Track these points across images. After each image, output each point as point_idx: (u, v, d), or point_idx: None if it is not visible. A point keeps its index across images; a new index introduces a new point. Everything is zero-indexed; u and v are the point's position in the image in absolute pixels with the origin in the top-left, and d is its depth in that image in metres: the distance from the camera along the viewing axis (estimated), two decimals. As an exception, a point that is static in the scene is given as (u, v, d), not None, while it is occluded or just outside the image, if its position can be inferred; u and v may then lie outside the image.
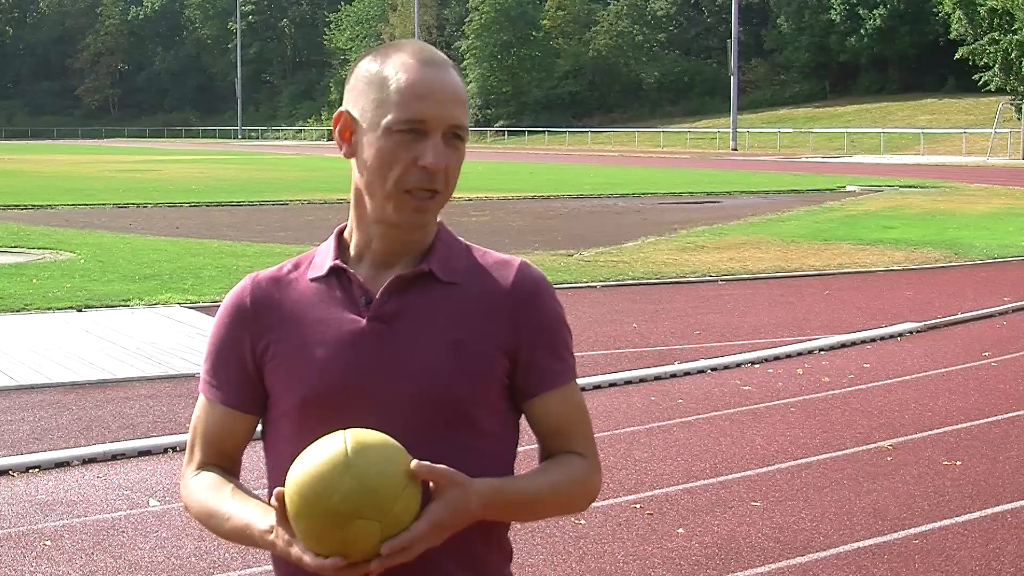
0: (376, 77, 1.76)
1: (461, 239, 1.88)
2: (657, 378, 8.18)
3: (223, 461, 1.87)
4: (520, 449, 1.89)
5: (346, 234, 1.85)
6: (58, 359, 8.56)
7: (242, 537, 1.75)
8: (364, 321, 1.77)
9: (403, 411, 1.74)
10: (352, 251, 1.83)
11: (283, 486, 1.64)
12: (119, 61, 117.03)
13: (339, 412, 1.73)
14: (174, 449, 6.35)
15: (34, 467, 6.02)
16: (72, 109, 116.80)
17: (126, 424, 6.88)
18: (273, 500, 1.65)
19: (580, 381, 7.50)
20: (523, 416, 1.86)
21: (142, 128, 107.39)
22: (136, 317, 10.45)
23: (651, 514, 5.29)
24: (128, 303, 11.15)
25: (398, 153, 1.74)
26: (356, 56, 1.81)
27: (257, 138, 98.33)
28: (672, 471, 5.97)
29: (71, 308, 10.82)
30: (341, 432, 1.63)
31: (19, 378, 7.98)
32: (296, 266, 1.87)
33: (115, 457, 6.21)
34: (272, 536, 1.67)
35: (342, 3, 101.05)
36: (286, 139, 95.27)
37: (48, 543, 4.93)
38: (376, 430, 1.66)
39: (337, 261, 1.81)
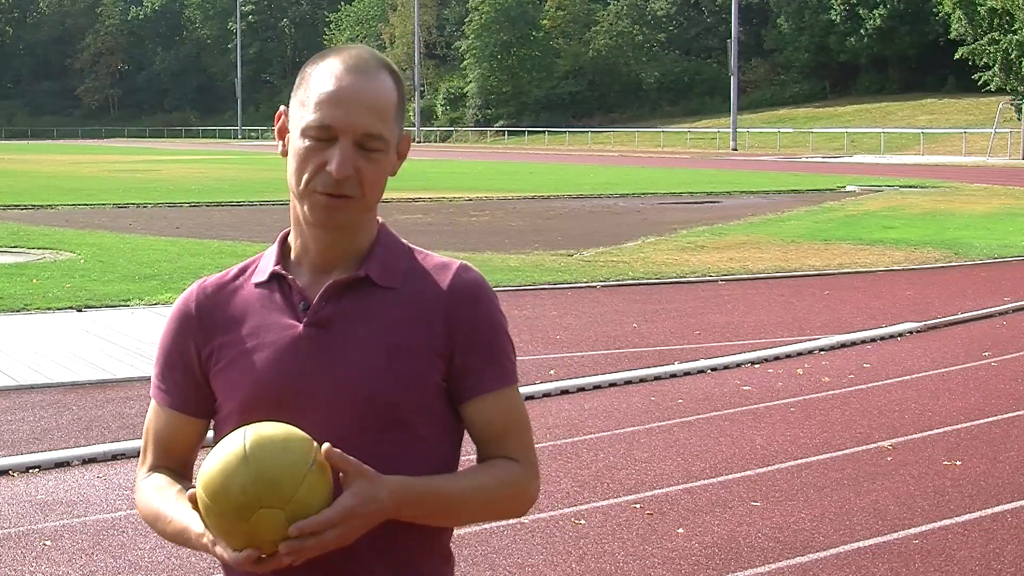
0: (305, 79, 1.80)
1: (404, 242, 1.88)
2: (657, 378, 8.18)
3: (174, 464, 1.89)
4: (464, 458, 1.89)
5: (289, 239, 1.87)
6: (58, 359, 8.56)
7: (183, 540, 1.76)
8: (301, 326, 1.79)
9: (340, 415, 1.75)
10: (292, 256, 1.85)
11: None
12: (119, 61, 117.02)
13: (277, 416, 1.74)
14: (174, 449, 6.34)
15: (34, 467, 6.02)
16: (72, 109, 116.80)
17: (126, 424, 6.88)
18: (188, 502, 1.68)
19: (580, 381, 7.48)
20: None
21: (142, 128, 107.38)
22: (136, 317, 10.45)
23: (651, 514, 5.29)
24: (128, 303, 11.15)
25: (309, 156, 1.75)
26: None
27: (257, 138, 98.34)
28: (672, 471, 5.97)
29: (71, 308, 10.82)
30: (242, 428, 1.66)
31: (19, 378, 7.98)
32: (242, 271, 1.89)
33: (115, 457, 6.21)
34: (206, 540, 1.69)
35: (342, 3, 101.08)
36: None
37: (48, 543, 4.94)
38: (315, 433, 1.68)
39: (278, 267, 1.83)
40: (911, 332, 9.94)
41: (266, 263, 1.87)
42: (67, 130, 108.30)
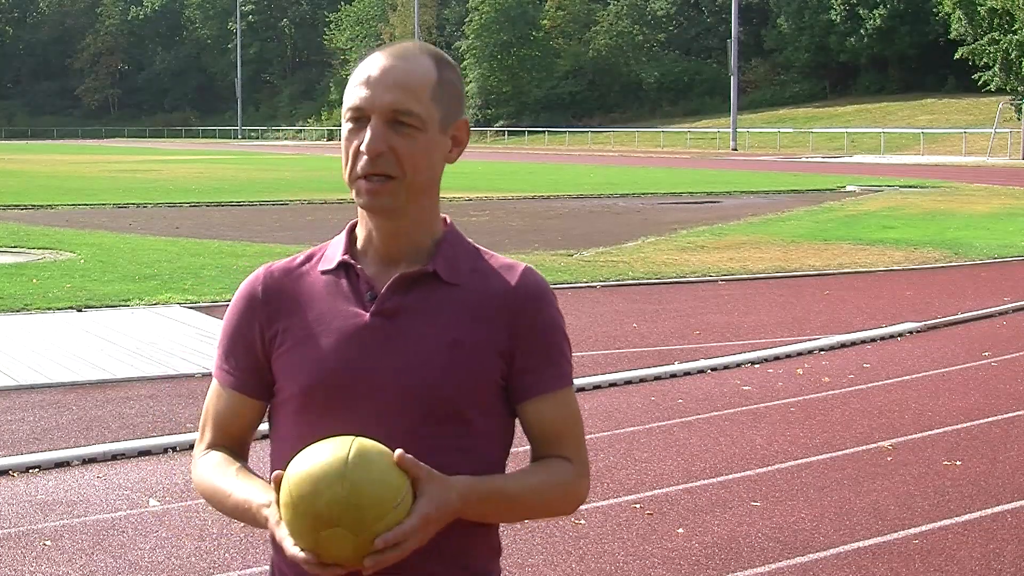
0: (351, 74, 1.85)
1: (470, 241, 1.91)
2: (657, 378, 8.18)
3: (231, 443, 1.92)
4: (513, 450, 1.90)
5: (357, 229, 1.90)
6: (58, 359, 8.56)
7: (242, 513, 1.80)
8: (367, 316, 1.81)
9: (398, 406, 1.78)
10: (359, 245, 1.88)
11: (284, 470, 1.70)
12: (119, 61, 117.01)
13: (337, 403, 1.78)
14: (174, 449, 6.35)
15: (34, 467, 6.02)
16: (72, 109, 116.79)
17: (126, 424, 6.88)
18: (271, 482, 1.71)
19: (580, 381, 7.48)
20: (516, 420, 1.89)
21: (142, 128, 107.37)
22: (136, 317, 10.45)
23: (651, 514, 5.29)
24: (128, 303, 11.15)
25: (349, 140, 1.80)
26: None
27: (257, 138, 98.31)
28: (672, 471, 5.97)
29: (71, 308, 10.82)
30: (351, 438, 1.67)
31: (19, 378, 7.98)
32: (309, 258, 1.92)
33: (115, 457, 6.21)
34: (268, 512, 1.72)
35: (342, 3, 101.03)
36: (286, 139, 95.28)
37: (48, 543, 4.93)
38: (373, 422, 1.72)
39: (346, 256, 1.86)
40: (911, 332, 9.94)
41: (333, 251, 1.89)
42: (67, 130, 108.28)
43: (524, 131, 79.38)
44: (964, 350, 9.23)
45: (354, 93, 1.79)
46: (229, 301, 1.92)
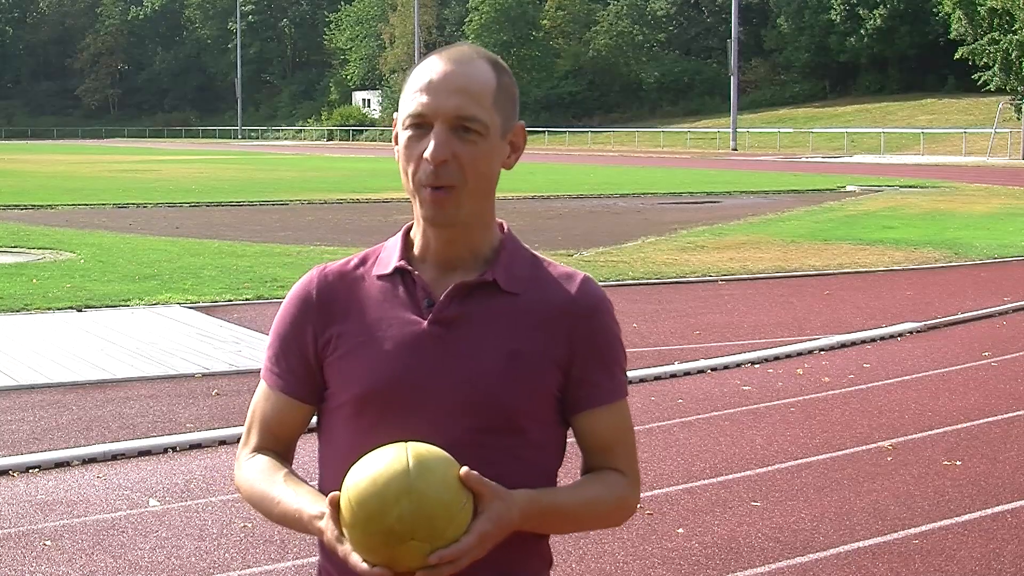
0: (408, 78, 1.82)
1: (527, 248, 1.89)
2: (657, 378, 8.18)
3: (277, 447, 1.90)
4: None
5: (412, 233, 1.87)
6: (58, 359, 8.56)
7: (291, 521, 1.78)
8: (425, 324, 1.79)
9: (455, 415, 1.76)
10: (416, 250, 1.85)
11: (336, 481, 1.69)
12: (119, 61, 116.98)
13: (393, 410, 1.76)
14: (174, 449, 6.35)
15: (34, 467, 6.02)
16: (72, 109, 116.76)
17: (126, 424, 6.88)
18: (328, 505, 1.68)
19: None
20: (569, 430, 1.88)
21: (142, 128, 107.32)
22: (136, 317, 10.45)
23: (651, 514, 5.29)
24: (128, 303, 11.15)
25: (411, 148, 1.77)
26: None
27: (257, 138, 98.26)
28: (672, 471, 5.97)
29: (71, 308, 10.82)
30: (403, 445, 1.65)
31: (19, 378, 7.98)
32: (363, 261, 1.89)
33: (115, 457, 6.21)
34: (321, 524, 1.70)
35: (342, 3, 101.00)
36: (286, 139, 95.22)
37: (48, 543, 4.93)
38: (429, 432, 1.70)
39: (402, 262, 1.83)
40: (911, 332, 9.94)
41: (388, 255, 1.86)
42: (67, 130, 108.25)
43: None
44: (964, 350, 9.23)
45: (414, 99, 1.76)
46: (229, 301, 1.93)
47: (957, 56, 51.71)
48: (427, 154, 1.73)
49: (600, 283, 9.08)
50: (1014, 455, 6.28)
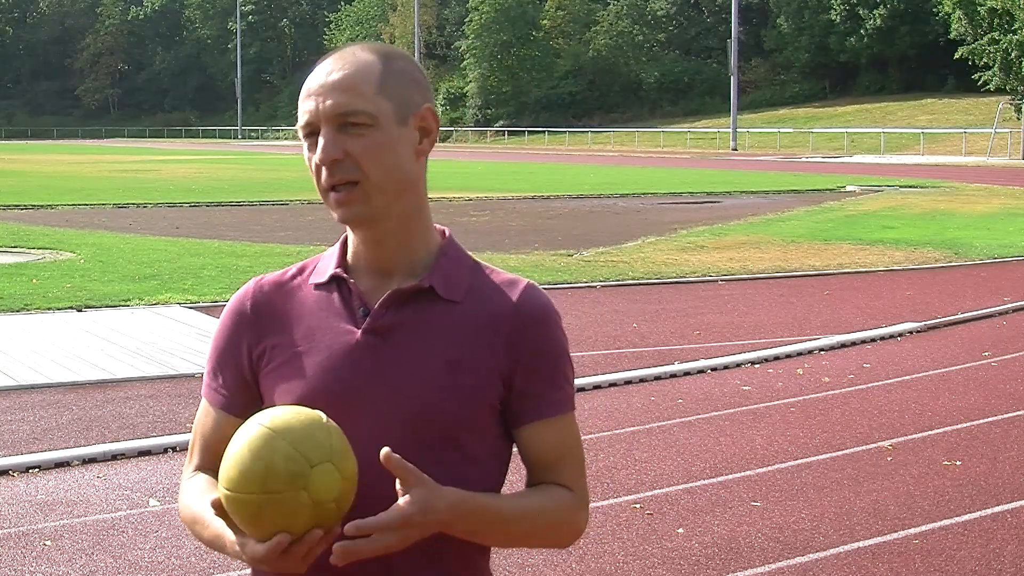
0: None
1: (470, 255, 1.83)
2: (657, 378, 8.18)
3: (219, 464, 1.83)
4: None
5: (349, 241, 1.83)
6: (58, 359, 8.56)
7: (218, 545, 1.72)
8: (359, 333, 1.73)
9: (392, 427, 1.69)
10: (350, 258, 1.80)
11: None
12: (119, 61, 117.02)
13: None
14: (174, 449, 6.35)
15: (34, 467, 6.02)
16: (72, 109, 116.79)
17: (126, 424, 6.88)
18: (210, 507, 1.64)
19: (580, 381, 7.48)
20: (514, 445, 1.81)
21: (142, 128, 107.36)
22: (136, 317, 10.45)
23: (651, 514, 5.29)
24: (128, 303, 11.15)
25: (310, 157, 1.73)
26: None
27: (257, 138, 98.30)
28: (672, 471, 5.97)
29: (71, 308, 10.82)
30: (249, 420, 1.63)
31: (19, 378, 7.98)
32: (301, 271, 1.84)
33: (115, 457, 6.21)
34: (233, 539, 1.64)
35: (342, 3, 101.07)
36: (286, 139, 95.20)
37: (48, 543, 4.93)
38: (365, 444, 1.64)
39: (338, 270, 1.78)
40: (911, 332, 9.94)
41: (325, 264, 1.81)
42: (67, 130, 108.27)
43: (524, 131, 79.36)
44: (964, 350, 9.23)
45: (300, 109, 1.73)
46: (229, 301, 1.90)
47: (957, 56, 51.73)
48: (316, 159, 1.70)
49: (600, 283, 9.04)
50: (1014, 455, 6.28)
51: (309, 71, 1.78)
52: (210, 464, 1.81)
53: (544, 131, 76.70)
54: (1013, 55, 48.36)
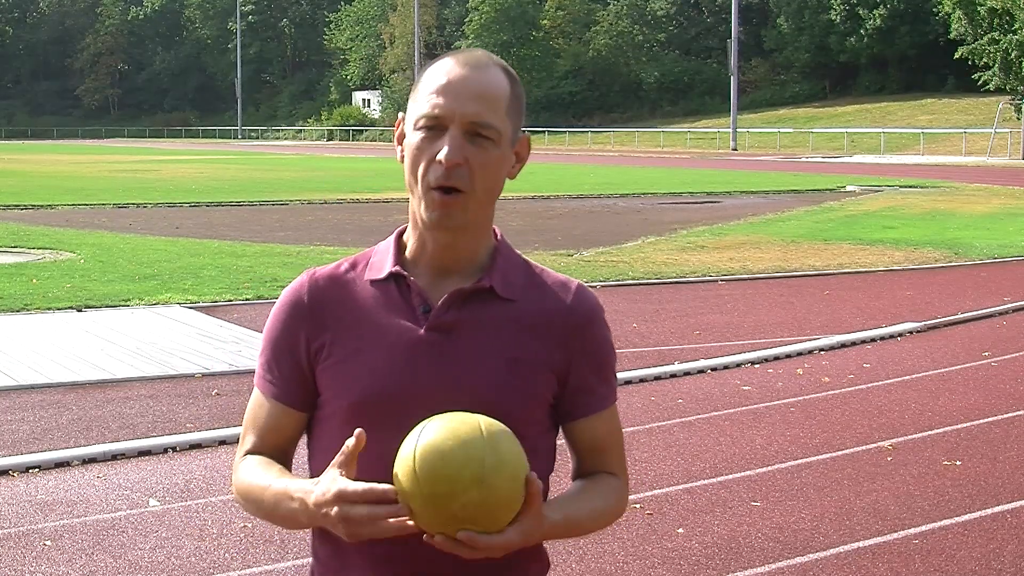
0: (421, 79, 1.79)
1: (519, 253, 1.88)
2: (657, 378, 8.18)
3: (273, 454, 1.86)
4: None
5: (405, 236, 1.85)
6: (58, 359, 8.56)
7: (285, 504, 1.71)
8: (422, 331, 1.77)
9: None
10: (409, 254, 1.82)
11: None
12: (119, 61, 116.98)
13: (390, 419, 1.73)
14: (174, 449, 6.35)
15: (34, 467, 6.01)
16: (72, 109, 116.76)
17: (126, 424, 6.88)
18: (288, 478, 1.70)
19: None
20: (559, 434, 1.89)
21: (142, 128, 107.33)
22: (136, 317, 10.45)
23: (651, 514, 5.29)
24: (128, 303, 11.15)
25: (423, 149, 1.74)
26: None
27: (257, 138, 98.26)
28: (672, 471, 5.97)
29: (71, 308, 10.82)
30: (478, 422, 1.63)
31: (19, 378, 7.98)
32: (353, 266, 1.86)
33: (115, 457, 6.21)
34: (322, 486, 1.64)
35: (342, 3, 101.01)
36: (286, 139, 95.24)
37: (48, 543, 4.93)
38: None
39: (397, 267, 1.80)
40: (911, 332, 9.94)
41: (381, 260, 1.83)
42: (67, 130, 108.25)
43: (524, 131, 79.27)
44: (964, 350, 9.23)
45: (429, 100, 1.74)
46: (229, 301, 1.91)
47: (957, 56, 51.74)
48: (441, 156, 1.71)
49: (600, 283, 9.08)
50: (1014, 455, 6.28)
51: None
52: (262, 451, 1.85)
53: (544, 131, 76.69)
54: (1013, 55, 48.37)
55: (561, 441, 1.88)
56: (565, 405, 1.83)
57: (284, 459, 1.86)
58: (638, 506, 5.40)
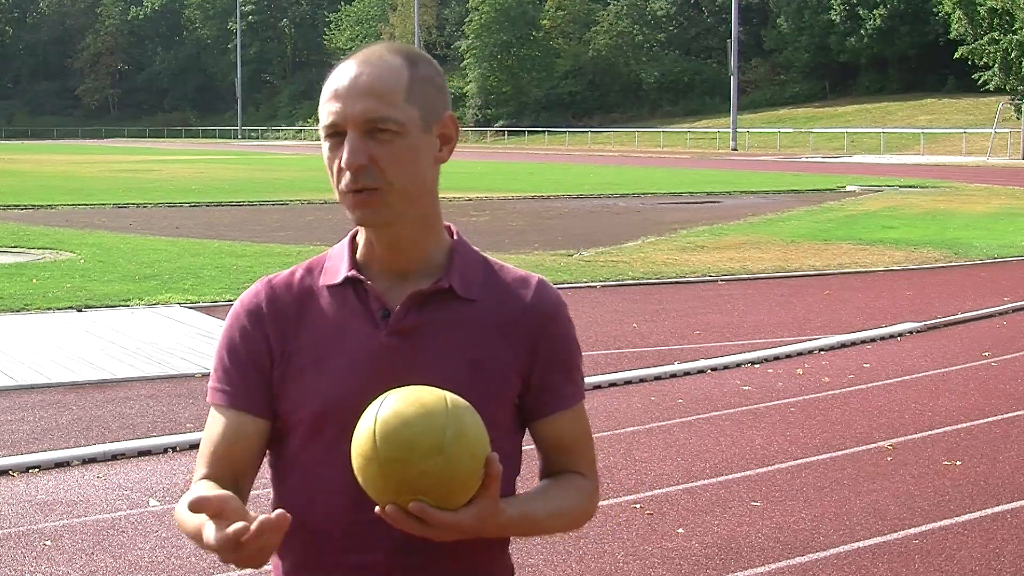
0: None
1: (476, 250, 1.84)
2: (657, 378, 8.18)
3: (230, 471, 1.75)
4: None
5: (358, 238, 1.81)
6: (58, 359, 8.56)
7: (196, 518, 1.58)
8: (383, 335, 1.73)
9: None
10: (360, 257, 1.79)
11: (294, 503, 1.66)
12: (119, 61, 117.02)
13: (353, 427, 1.66)
14: (174, 449, 6.36)
15: (34, 467, 6.02)
16: (72, 109, 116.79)
17: (126, 424, 6.88)
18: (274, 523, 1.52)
19: (580, 381, 7.35)
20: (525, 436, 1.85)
21: (142, 128, 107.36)
22: (136, 317, 10.45)
23: (651, 514, 5.29)
24: (128, 303, 11.15)
25: (331, 158, 1.72)
26: None
27: (257, 138, 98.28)
28: (672, 471, 5.97)
29: (71, 308, 10.82)
30: (443, 395, 1.60)
31: (19, 378, 7.98)
32: (309, 271, 1.82)
33: (115, 457, 6.21)
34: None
35: (342, 3, 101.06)
36: (286, 139, 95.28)
37: (48, 543, 4.93)
38: None
39: (352, 271, 1.76)
40: (911, 332, 9.94)
41: (335, 264, 1.79)
42: (67, 130, 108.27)
43: (524, 131, 79.37)
44: (964, 350, 9.23)
45: (326, 109, 1.72)
46: (229, 301, 1.90)
47: (957, 56, 51.76)
48: (342, 163, 1.69)
49: (600, 283, 9.06)
50: (1014, 455, 6.28)
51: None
52: (221, 475, 1.74)
53: (544, 131, 76.71)
54: (1013, 55, 48.38)
55: (530, 446, 1.83)
56: (529, 404, 1.79)
57: (243, 479, 1.76)
58: (638, 506, 5.40)
